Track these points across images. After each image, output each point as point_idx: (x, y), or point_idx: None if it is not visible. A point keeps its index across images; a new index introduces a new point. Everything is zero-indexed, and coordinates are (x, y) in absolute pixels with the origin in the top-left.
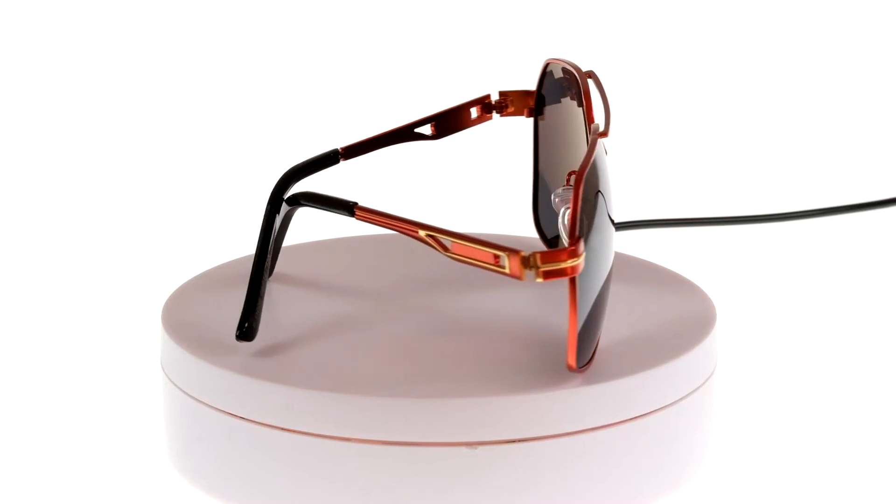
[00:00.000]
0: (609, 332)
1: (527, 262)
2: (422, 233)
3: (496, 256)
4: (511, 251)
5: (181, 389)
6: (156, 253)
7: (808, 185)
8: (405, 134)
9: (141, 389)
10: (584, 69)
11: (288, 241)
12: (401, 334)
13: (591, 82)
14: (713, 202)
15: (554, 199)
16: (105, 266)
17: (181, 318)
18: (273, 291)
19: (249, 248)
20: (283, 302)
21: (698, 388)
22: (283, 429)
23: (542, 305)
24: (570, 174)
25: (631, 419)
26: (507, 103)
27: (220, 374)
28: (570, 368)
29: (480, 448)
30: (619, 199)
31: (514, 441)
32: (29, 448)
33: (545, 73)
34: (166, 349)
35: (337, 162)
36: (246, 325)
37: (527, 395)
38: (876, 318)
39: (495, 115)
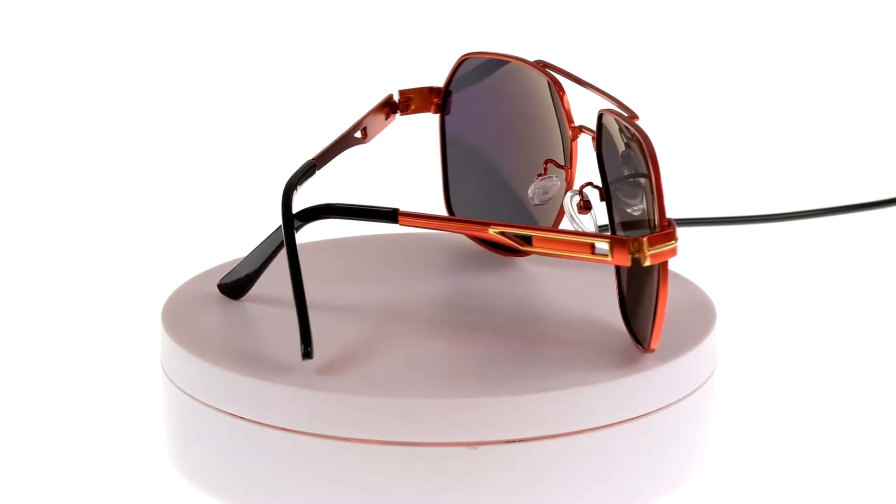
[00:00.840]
0: (609, 331)
1: (634, 247)
2: (492, 231)
3: (591, 246)
4: (614, 238)
5: (181, 389)
6: (156, 253)
7: (808, 185)
8: (351, 139)
9: (141, 389)
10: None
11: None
12: (400, 334)
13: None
14: (713, 202)
15: (535, 189)
16: (105, 266)
17: (181, 318)
18: (274, 293)
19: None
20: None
21: (698, 388)
22: (283, 429)
23: (542, 305)
24: (546, 162)
25: (631, 419)
26: (410, 102)
27: (220, 374)
28: (648, 351)
29: (480, 448)
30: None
31: (514, 441)
32: (29, 448)
33: (457, 69)
34: (166, 349)
35: (313, 174)
36: (309, 347)
37: (527, 395)
38: (876, 317)
39: (398, 116)
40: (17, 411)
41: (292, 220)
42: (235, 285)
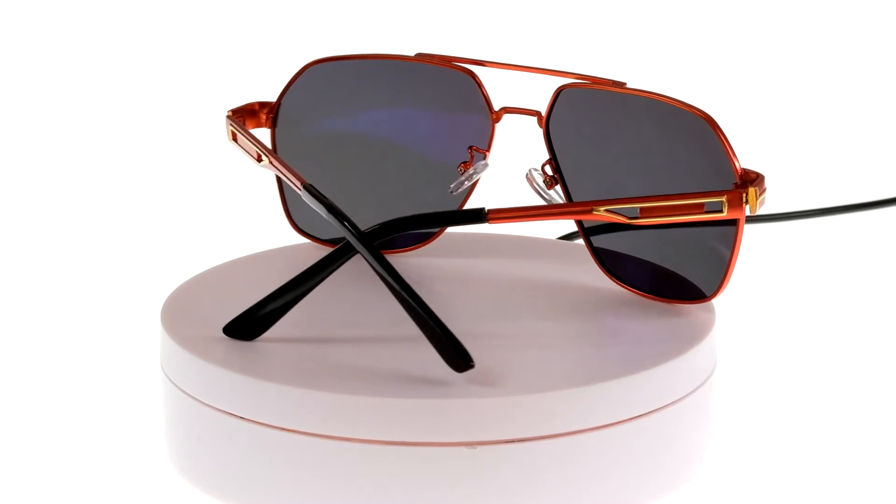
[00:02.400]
0: (609, 331)
1: (748, 198)
2: (597, 210)
3: (701, 205)
4: (727, 192)
5: (181, 389)
6: (156, 253)
7: (808, 185)
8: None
9: (141, 389)
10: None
11: (287, 241)
12: (401, 334)
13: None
14: None
15: (466, 177)
16: (105, 266)
17: (181, 318)
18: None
19: (249, 248)
20: None
21: (698, 388)
22: (283, 429)
23: (542, 304)
24: (470, 148)
25: (631, 419)
26: (244, 120)
27: (220, 374)
28: (707, 300)
29: (480, 448)
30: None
31: (514, 441)
32: (29, 448)
33: (296, 80)
34: (166, 349)
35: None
36: (471, 362)
37: (527, 395)
38: (876, 317)
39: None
40: (17, 411)
41: (371, 240)
42: (253, 326)
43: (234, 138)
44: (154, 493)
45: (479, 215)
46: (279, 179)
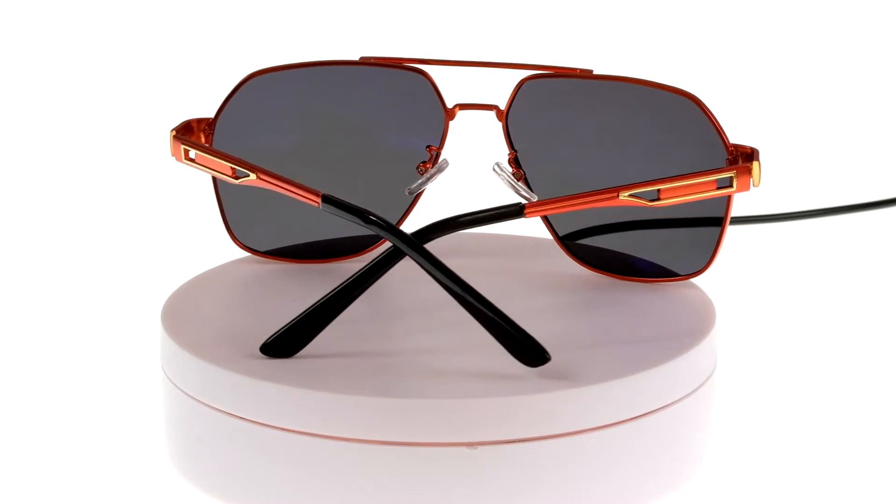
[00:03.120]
0: (609, 331)
1: (754, 171)
2: (622, 195)
3: (713, 182)
4: (736, 169)
5: (181, 389)
6: (156, 253)
7: (808, 185)
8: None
9: (141, 389)
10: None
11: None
12: (399, 334)
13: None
14: None
15: (427, 176)
16: (105, 266)
17: (181, 318)
18: (275, 292)
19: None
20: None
21: (698, 388)
22: (283, 429)
23: (541, 305)
24: (428, 148)
25: (631, 419)
26: (190, 136)
27: (220, 373)
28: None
29: (480, 448)
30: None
31: (514, 441)
32: (29, 448)
33: (237, 91)
34: (166, 349)
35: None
36: (546, 354)
37: (527, 395)
38: (876, 317)
39: (193, 152)
40: (17, 412)
41: (418, 241)
42: (293, 343)
43: (187, 156)
44: (154, 493)
45: (517, 211)
46: (217, 192)
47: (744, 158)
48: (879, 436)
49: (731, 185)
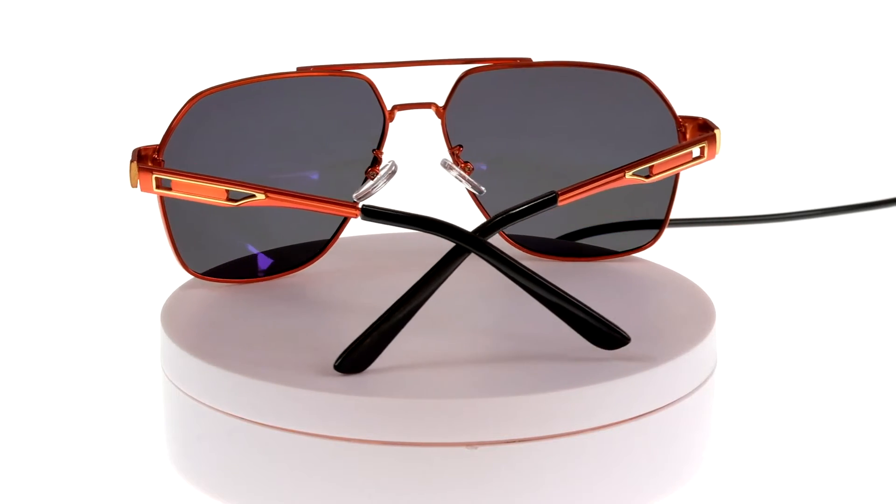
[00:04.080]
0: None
1: (718, 139)
2: (628, 175)
3: (690, 153)
4: (708, 137)
5: (181, 389)
6: (156, 253)
7: (808, 185)
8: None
9: (141, 389)
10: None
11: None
12: (400, 334)
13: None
14: (713, 202)
15: (379, 179)
16: (105, 266)
17: (181, 318)
18: (274, 292)
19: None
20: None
21: (698, 388)
22: (283, 429)
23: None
24: (375, 151)
25: (631, 419)
26: (146, 155)
27: (220, 374)
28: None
29: (480, 448)
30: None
31: (514, 441)
32: (29, 448)
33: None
34: (166, 349)
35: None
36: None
37: (527, 395)
38: (876, 317)
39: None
40: (17, 412)
41: (482, 239)
42: (364, 358)
43: (159, 185)
44: (154, 493)
45: (552, 199)
46: (164, 212)
47: (697, 129)
48: (879, 435)
49: (702, 156)
